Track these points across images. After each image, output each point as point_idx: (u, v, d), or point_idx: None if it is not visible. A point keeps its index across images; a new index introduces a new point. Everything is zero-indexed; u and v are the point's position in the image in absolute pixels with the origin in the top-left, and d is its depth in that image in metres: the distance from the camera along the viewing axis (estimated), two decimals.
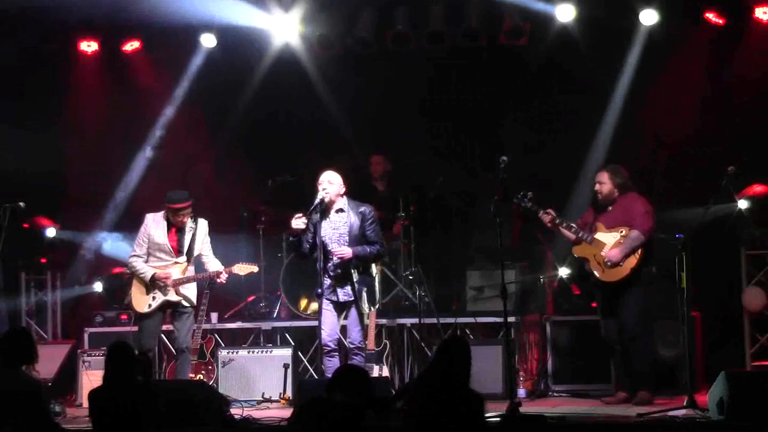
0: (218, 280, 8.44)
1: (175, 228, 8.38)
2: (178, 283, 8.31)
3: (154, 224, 8.41)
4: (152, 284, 8.32)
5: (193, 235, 8.40)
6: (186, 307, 8.39)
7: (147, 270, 8.34)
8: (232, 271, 8.47)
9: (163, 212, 8.40)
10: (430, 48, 10.32)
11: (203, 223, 8.48)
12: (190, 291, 8.42)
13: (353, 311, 8.05)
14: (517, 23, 9.88)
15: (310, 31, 10.16)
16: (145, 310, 8.35)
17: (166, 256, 8.38)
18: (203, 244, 8.47)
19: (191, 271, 8.41)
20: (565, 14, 9.75)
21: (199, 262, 8.51)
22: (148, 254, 8.40)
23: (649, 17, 9.59)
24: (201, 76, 10.52)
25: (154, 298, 8.34)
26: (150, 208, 8.57)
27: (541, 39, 10.09)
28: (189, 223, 8.39)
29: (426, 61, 10.77)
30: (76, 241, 10.49)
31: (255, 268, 8.60)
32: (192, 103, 10.72)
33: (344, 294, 8.02)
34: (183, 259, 8.38)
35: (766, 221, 9.16)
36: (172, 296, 8.32)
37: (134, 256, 8.43)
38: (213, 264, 8.47)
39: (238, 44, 10.31)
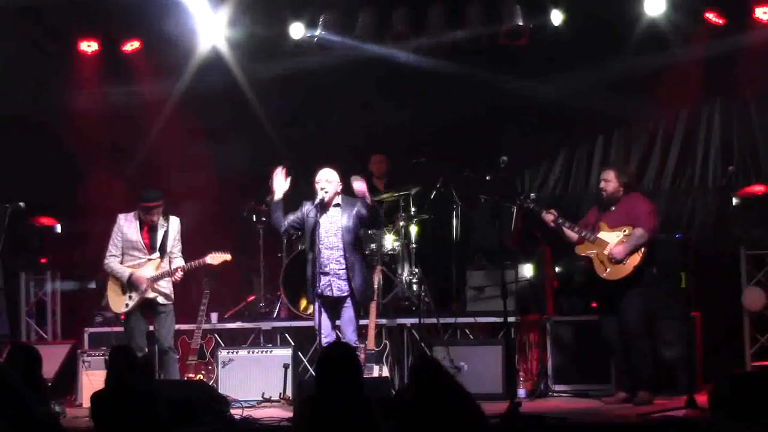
0: (174, 277, 8.42)
1: (147, 226, 8.45)
2: (153, 280, 8.36)
3: (127, 223, 8.48)
4: (129, 285, 8.35)
5: (165, 232, 8.46)
6: (164, 305, 8.42)
7: (124, 271, 8.40)
8: (205, 261, 8.47)
9: (134, 212, 8.47)
10: (430, 48, 10.34)
11: (175, 221, 8.55)
12: (166, 287, 8.45)
13: (346, 311, 8.08)
14: (517, 23, 9.88)
15: (310, 33, 10.18)
16: (123, 310, 8.41)
17: (140, 254, 8.43)
18: (175, 242, 8.51)
19: (164, 266, 8.43)
20: (556, 18, 9.81)
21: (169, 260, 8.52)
22: (123, 253, 8.46)
23: (654, 7, 9.56)
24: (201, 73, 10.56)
25: (130, 297, 8.38)
26: None
27: (540, 38, 10.13)
28: (161, 221, 8.45)
29: (425, 60, 10.77)
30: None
31: (228, 257, 8.57)
32: (191, 101, 10.75)
33: (338, 289, 8.05)
34: (156, 255, 8.43)
35: (766, 221, 9.16)
36: (149, 293, 8.36)
37: (111, 256, 8.49)
38: (176, 263, 8.49)
39: (244, 40, 10.33)
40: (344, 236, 8.06)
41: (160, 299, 8.41)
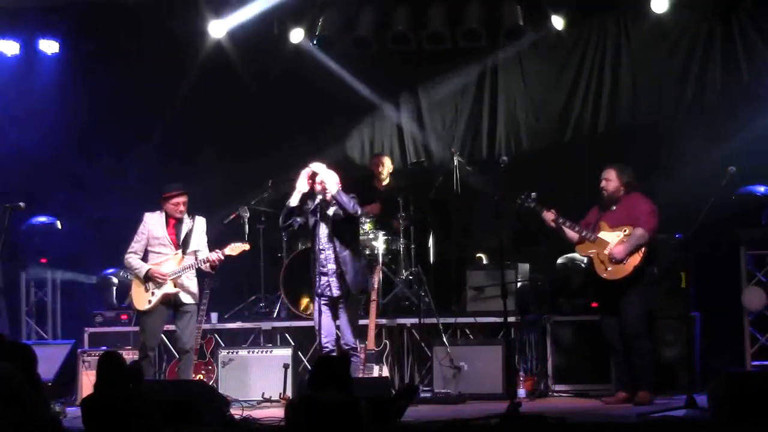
0: (206, 265, 8.40)
1: (174, 221, 8.45)
2: (173, 275, 8.34)
3: (152, 220, 8.49)
4: (147, 280, 8.34)
5: (190, 230, 8.46)
6: (188, 304, 8.40)
7: (142, 266, 8.39)
8: (224, 253, 8.45)
9: (159, 210, 8.48)
10: (430, 47, 10.39)
11: (201, 220, 8.55)
12: (191, 285, 8.44)
13: (344, 312, 8.10)
14: (516, 23, 9.91)
15: (312, 33, 10.22)
16: (146, 307, 8.37)
17: (166, 250, 8.42)
18: (200, 240, 8.51)
19: (187, 263, 8.43)
20: (558, 23, 9.85)
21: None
22: (147, 251, 8.45)
23: (659, 4, 9.57)
24: (204, 73, 10.59)
25: (153, 293, 8.36)
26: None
27: (539, 38, 10.19)
28: (186, 218, 8.46)
29: (425, 60, 10.81)
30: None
31: (246, 246, 8.55)
32: (192, 100, 10.79)
33: (337, 288, 8.06)
34: (179, 251, 8.42)
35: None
36: (170, 288, 8.34)
37: (131, 253, 8.47)
38: (203, 255, 8.48)
39: (246, 41, 10.35)
40: (334, 233, 8.07)
41: (185, 297, 8.38)
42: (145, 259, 8.46)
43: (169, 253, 8.41)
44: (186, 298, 8.40)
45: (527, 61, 10.60)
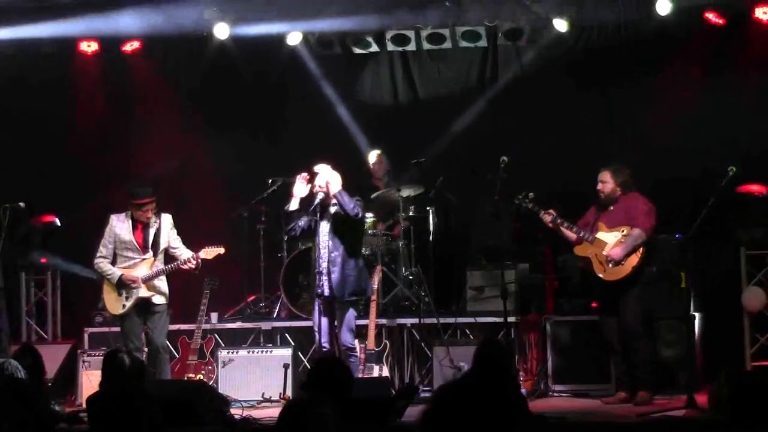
0: (186, 267, 8.42)
1: (141, 225, 8.42)
2: (146, 280, 8.35)
3: (119, 223, 8.46)
4: (120, 285, 8.34)
5: (158, 230, 8.43)
6: (159, 304, 8.41)
7: (114, 272, 8.38)
8: (198, 257, 8.44)
9: (126, 212, 8.45)
10: (430, 47, 10.40)
11: (167, 218, 8.52)
12: (163, 286, 8.44)
13: (339, 312, 8.06)
14: (517, 23, 9.91)
15: (311, 32, 10.22)
16: (120, 311, 8.39)
17: (134, 254, 8.41)
18: (170, 238, 8.49)
19: (159, 265, 8.42)
20: (561, 25, 9.87)
21: (171, 256, 8.51)
22: (116, 254, 8.44)
23: (663, 7, 9.59)
24: (206, 72, 10.60)
25: (127, 297, 8.37)
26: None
27: (540, 39, 10.19)
28: (152, 219, 8.42)
29: (425, 60, 10.81)
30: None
31: (221, 250, 8.52)
32: (192, 100, 10.79)
33: (329, 288, 8.05)
34: (149, 254, 8.41)
35: (766, 221, 9.16)
36: (144, 292, 8.35)
37: (100, 257, 8.46)
38: (185, 254, 8.47)
39: (246, 43, 10.36)
40: (333, 233, 8.06)
41: (156, 299, 8.40)
42: (114, 261, 8.45)
43: (137, 258, 8.41)
44: (158, 299, 8.42)
45: (527, 61, 10.59)
